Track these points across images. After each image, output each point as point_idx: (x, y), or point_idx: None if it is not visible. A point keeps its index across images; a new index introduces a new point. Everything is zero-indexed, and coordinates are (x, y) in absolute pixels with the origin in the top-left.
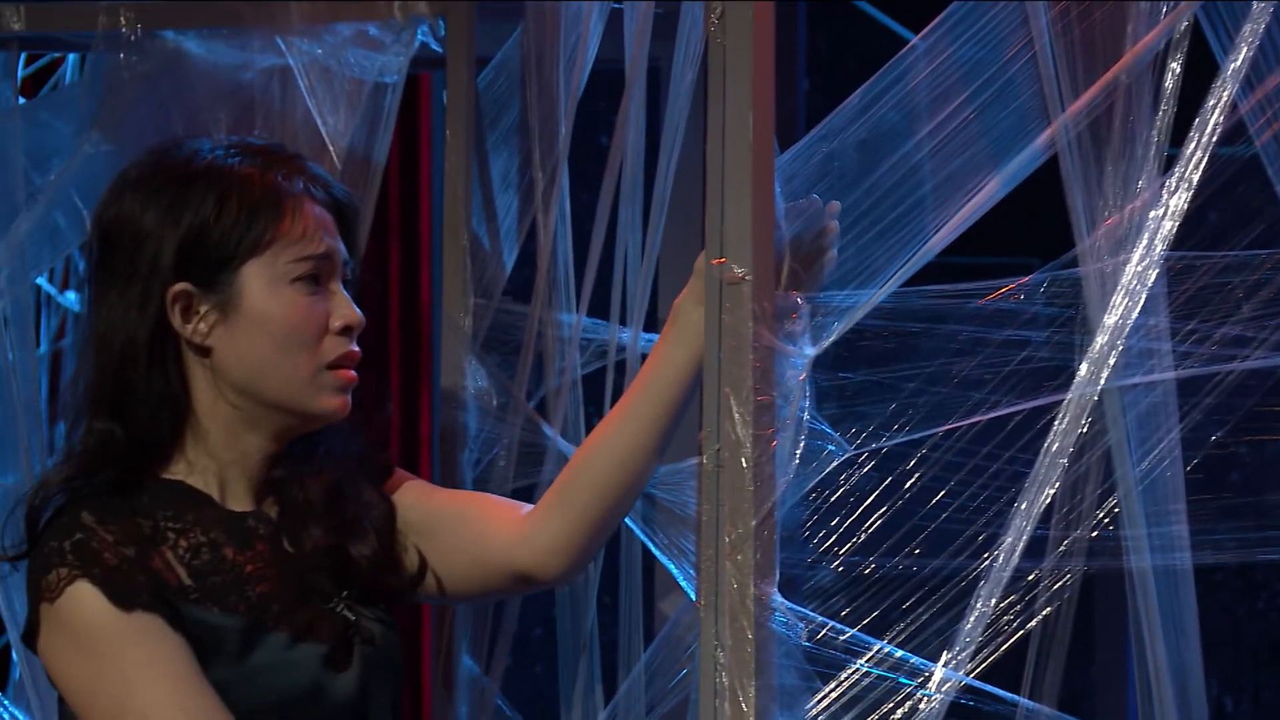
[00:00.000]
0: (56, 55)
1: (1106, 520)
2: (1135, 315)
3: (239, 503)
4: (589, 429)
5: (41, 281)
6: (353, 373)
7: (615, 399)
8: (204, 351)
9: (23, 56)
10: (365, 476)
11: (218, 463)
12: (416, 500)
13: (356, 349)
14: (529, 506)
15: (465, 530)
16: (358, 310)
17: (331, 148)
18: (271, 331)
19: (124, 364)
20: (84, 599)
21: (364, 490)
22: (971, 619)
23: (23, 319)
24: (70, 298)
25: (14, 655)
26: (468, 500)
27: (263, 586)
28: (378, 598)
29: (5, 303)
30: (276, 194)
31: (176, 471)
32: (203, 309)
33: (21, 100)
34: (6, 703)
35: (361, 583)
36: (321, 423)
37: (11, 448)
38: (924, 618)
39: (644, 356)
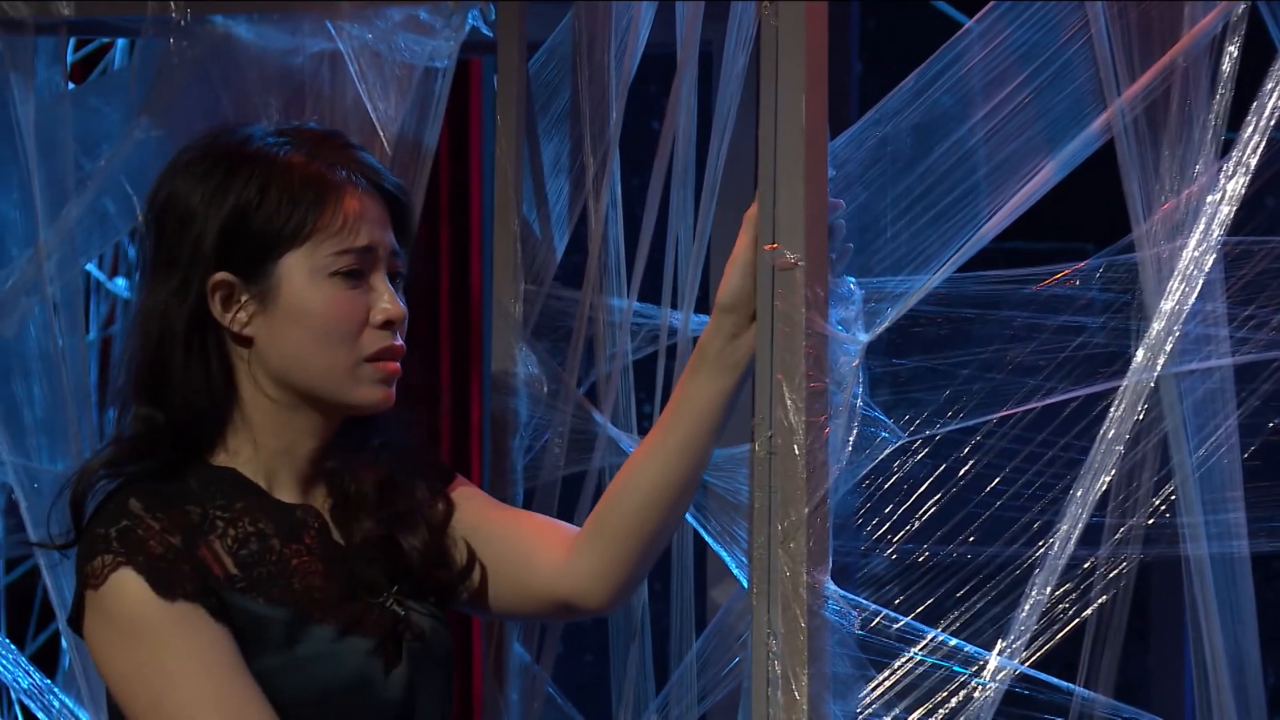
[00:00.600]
0: (105, 40)
1: (1163, 507)
2: (1192, 301)
3: (288, 493)
4: (639, 415)
5: (91, 268)
6: (395, 365)
7: (666, 385)
8: (244, 341)
9: (72, 41)
10: (418, 471)
11: (265, 452)
12: (468, 509)
13: (400, 343)
14: (577, 530)
15: (512, 551)
16: (401, 304)
17: (382, 133)
18: (309, 325)
19: (162, 350)
20: (128, 587)
21: (416, 484)
22: (1026, 607)
23: (72, 305)
24: (119, 284)
25: (64, 643)
26: (518, 521)
27: (310, 579)
28: (428, 592)
29: (55, 289)
30: (319, 184)
31: (226, 459)
32: (243, 299)
33: (71, 86)
34: (57, 690)
35: (412, 576)
36: (363, 413)
37: (61, 434)
38: (978, 606)
39: (695, 341)
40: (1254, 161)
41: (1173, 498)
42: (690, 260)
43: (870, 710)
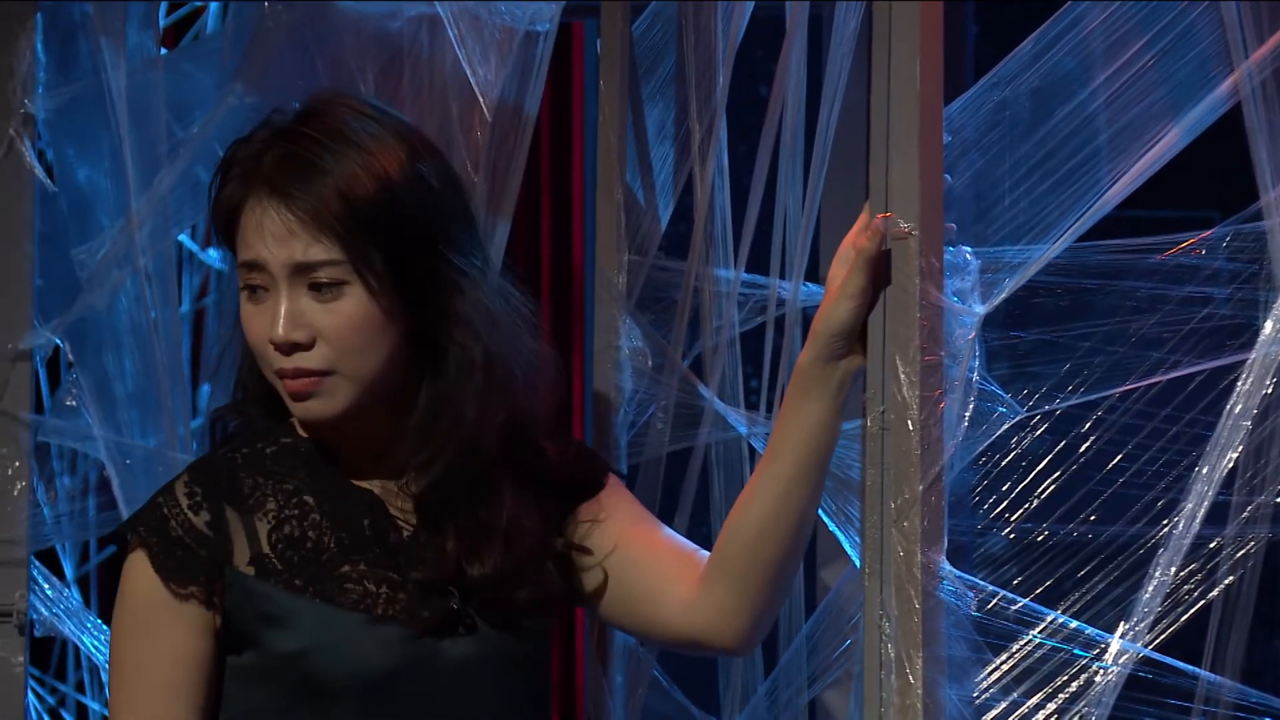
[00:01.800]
0: (198, 4)
1: None
2: None
3: (362, 475)
4: (746, 389)
5: (184, 238)
6: (296, 383)
7: (774, 358)
8: None
9: (163, 6)
10: (550, 484)
11: (340, 432)
12: (606, 531)
13: (292, 364)
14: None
15: (642, 584)
16: (280, 324)
17: (481, 99)
18: None
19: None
20: (137, 568)
21: (533, 497)
22: (1150, 588)
23: (165, 276)
24: (212, 255)
25: None
26: (655, 550)
27: (344, 567)
28: (501, 606)
29: (147, 259)
30: (228, 198)
31: (313, 431)
32: None
33: (163, 51)
34: None
35: (481, 595)
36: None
37: (153, 408)
38: (1100, 587)
39: (804, 312)
40: None
41: None
42: (799, 230)
43: (987, 695)
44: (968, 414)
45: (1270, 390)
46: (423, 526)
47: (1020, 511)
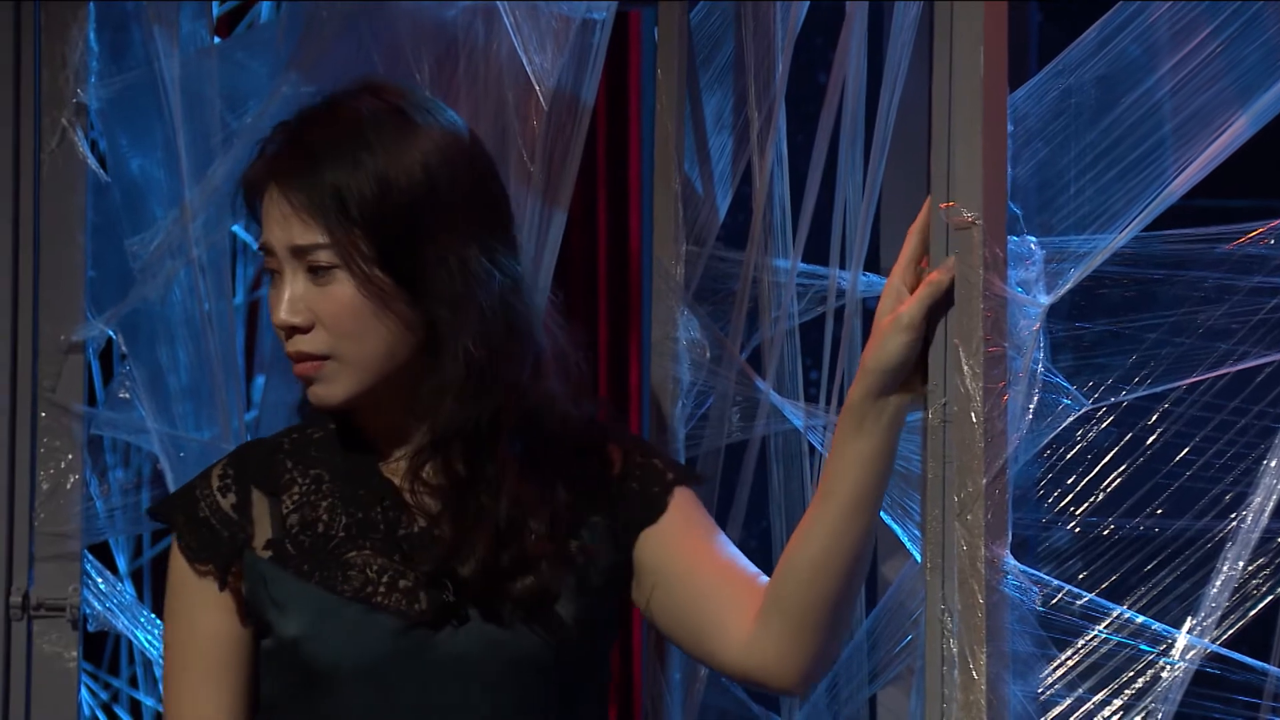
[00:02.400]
0: None
1: None
2: None
3: (392, 464)
4: (806, 381)
5: (237, 229)
6: (300, 367)
7: (833, 350)
8: None
9: None
10: (607, 498)
11: (361, 420)
12: (666, 553)
13: (294, 349)
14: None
15: (698, 615)
16: (281, 306)
17: (538, 88)
18: None
19: None
20: (173, 547)
21: (528, 499)
22: (1217, 583)
23: (219, 267)
24: None
25: None
26: (718, 578)
27: (350, 555)
28: (501, 601)
29: (201, 251)
30: (256, 182)
31: (358, 417)
32: None
33: (216, 40)
34: None
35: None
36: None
37: (207, 401)
38: (1166, 581)
39: (864, 303)
40: None
41: None
42: (859, 219)
43: (1052, 691)
44: (1032, 406)
45: None
46: (433, 516)
47: (1086, 505)
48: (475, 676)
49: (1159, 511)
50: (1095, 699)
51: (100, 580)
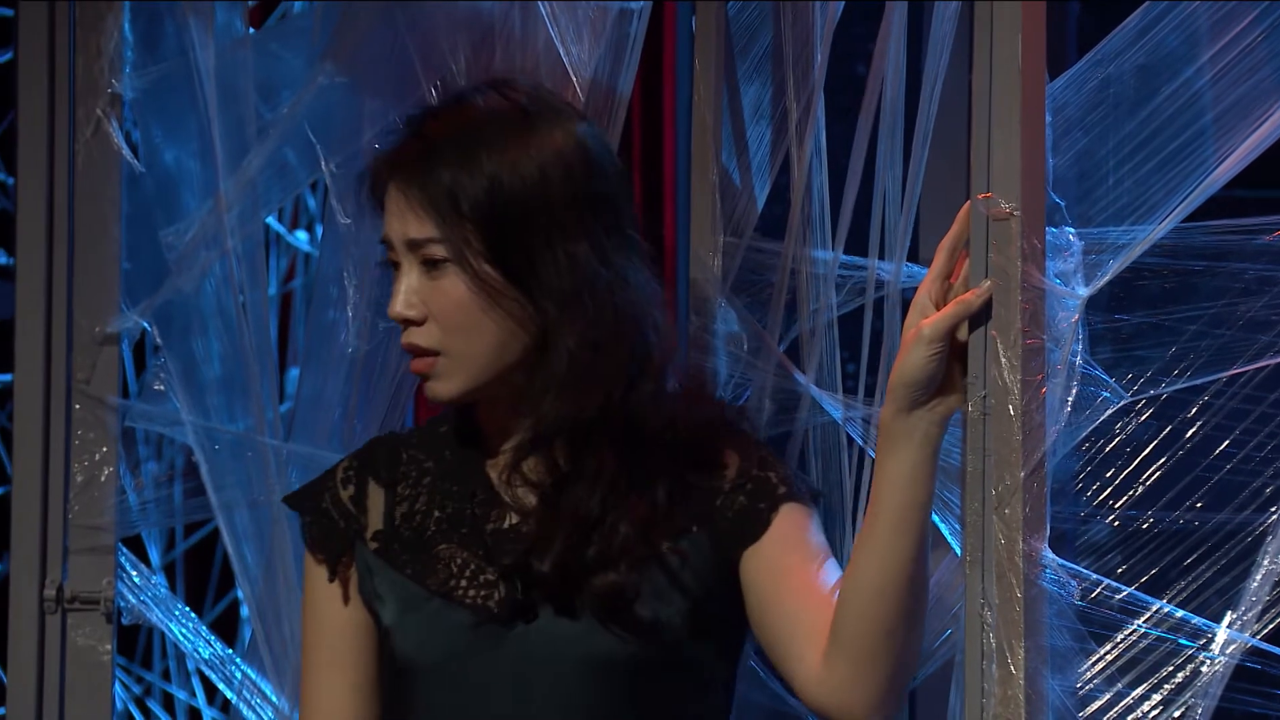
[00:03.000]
0: None
1: None
2: None
3: (498, 460)
4: (844, 374)
5: (271, 220)
6: (415, 363)
7: (873, 342)
8: None
9: None
10: (707, 510)
11: (475, 414)
12: (767, 570)
13: (407, 341)
14: None
15: (785, 638)
16: (398, 299)
17: (574, 79)
18: None
19: None
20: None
21: (620, 500)
22: (1258, 577)
23: (253, 259)
24: (300, 237)
25: (243, 611)
26: (803, 604)
27: (445, 546)
28: (585, 600)
29: (236, 241)
30: (380, 176)
31: (478, 414)
32: None
33: (250, 31)
34: (239, 661)
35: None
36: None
37: (240, 392)
38: (1206, 575)
39: (904, 293)
40: None
41: None
42: (898, 210)
43: (1091, 685)
44: (1070, 399)
45: None
46: (523, 512)
47: (1124, 498)
48: (546, 673)
49: (1199, 505)
50: (1134, 694)
51: (134, 573)
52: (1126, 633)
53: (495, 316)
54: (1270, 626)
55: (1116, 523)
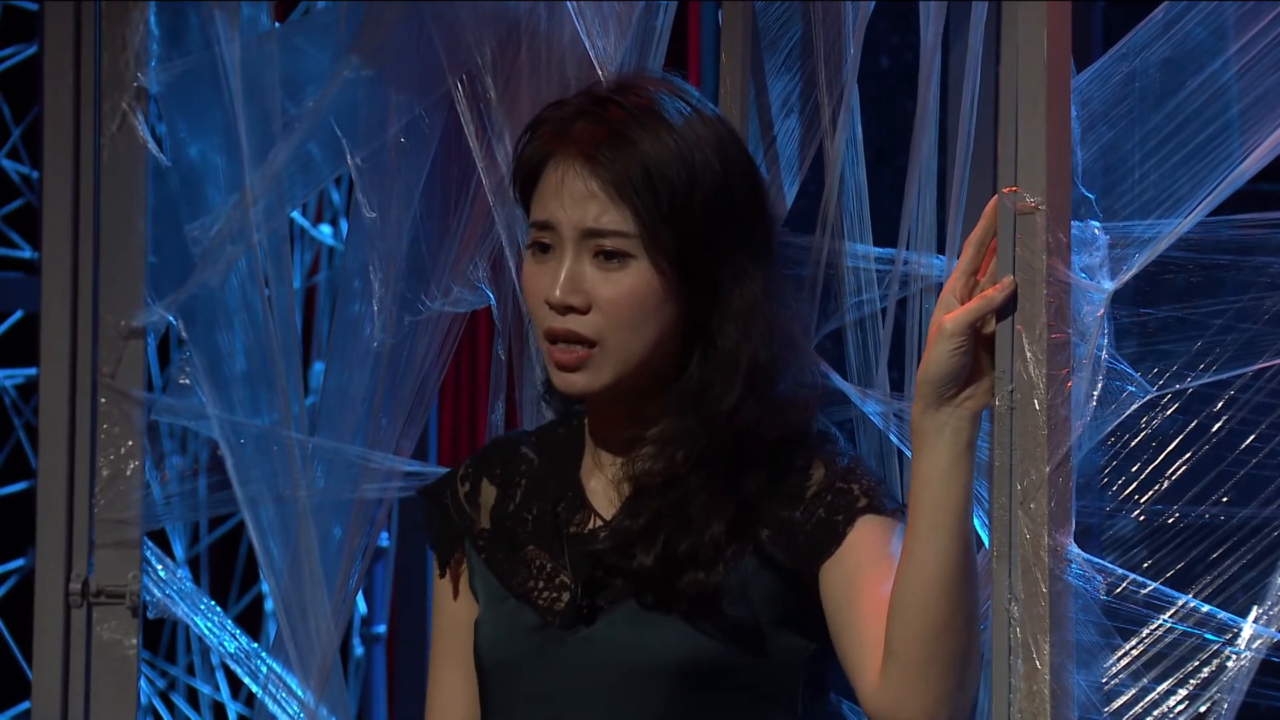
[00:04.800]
0: None
1: None
2: None
3: (600, 467)
4: (875, 367)
5: (295, 215)
6: (565, 355)
7: (903, 336)
8: None
9: None
10: (788, 519)
11: (596, 413)
12: (840, 581)
13: (564, 325)
14: None
15: (852, 648)
16: (558, 285)
17: (600, 72)
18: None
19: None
20: None
21: (719, 517)
22: None
23: (278, 253)
24: (325, 231)
25: (268, 605)
26: (870, 613)
27: (532, 547)
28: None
29: (261, 236)
30: (532, 156)
31: (591, 416)
32: None
33: (275, 25)
34: (264, 654)
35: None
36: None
37: (265, 386)
38: (1232, 570)
39: (938, 287)
40: None
41: None
42: (930, 205)
43: (1116, 681)
44: (1096, 393)
45: None
46: (605, 516)
47: (1150, 493)
48: (600, 680)
49: (1224, 499)
50: (1160, 689)
51: (160, 567)
52: (1152, 628)
53: (663, 316)
54: None
55: (1142, 517)
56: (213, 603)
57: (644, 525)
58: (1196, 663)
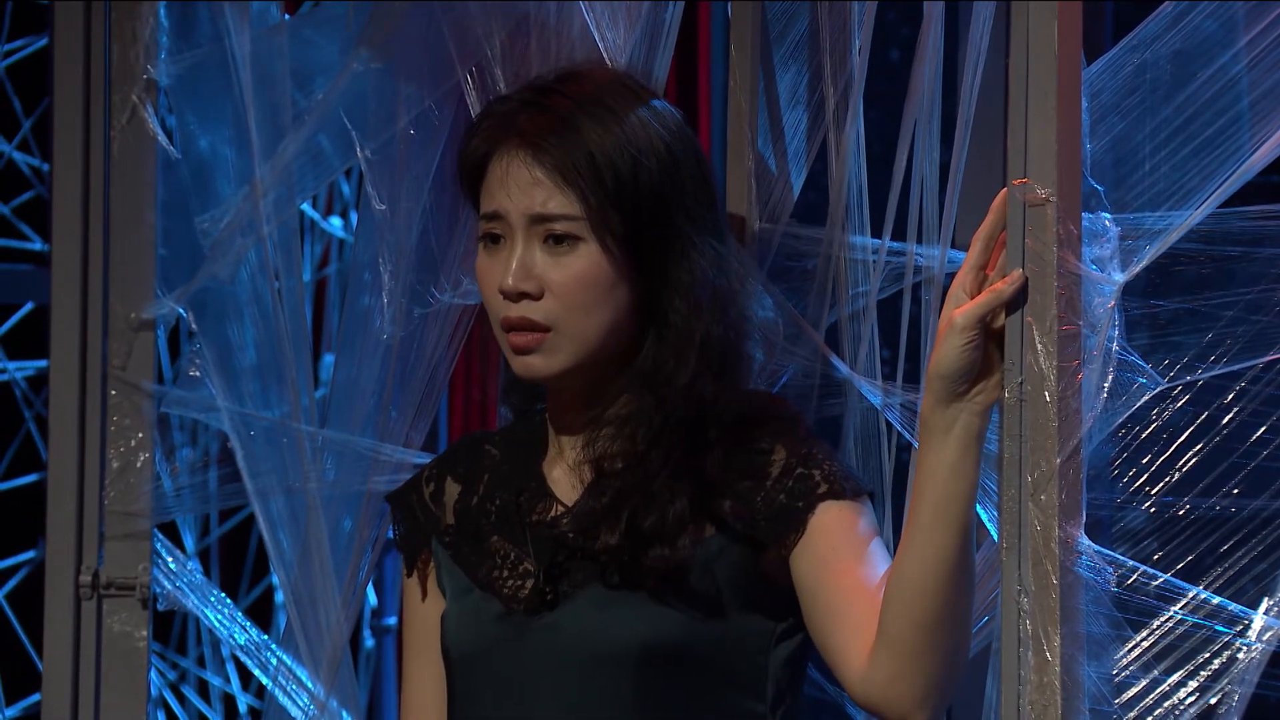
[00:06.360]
0: None
1: None
2: None
3: (561, 455)
4: (882, 360)
5: (305, 207)
6: (520, 339)
7: (910, 327)
8: None
9: None
10: (752, 507)
11: (554, 398)
12: (810, 564)
13: (518, 312)
14: None
15: (831, 634)
16: (510, 273)
17: (610, 65)
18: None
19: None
20: None
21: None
22: None
23: (288, 245)
24: (335, 223)
25: (278, 598)
26: (845, 598)
27: (496, 538)
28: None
29: (271, 228)
30: (477, 149)
31: (550, 404)
32: None
33: (285, 17)
34: (274, 647)
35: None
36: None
37: (276, 379)
38: (1243, 562)
39: (946, 280)
40: None
41: None
42: (934, 196)
43: (1127, 672)
44: (1107, 385)
45: None
46: (565, 502)
47: (1161, 485)
48: (566, 665)
49: (1235, 491)
50: (1170, 681)
51: (170, 559)
52: (1162, 619)
53: (615, 297)
54: None
55: (1153, 509)
56: (223, 595)
57: (607, 504)
58: (1207, 654)
